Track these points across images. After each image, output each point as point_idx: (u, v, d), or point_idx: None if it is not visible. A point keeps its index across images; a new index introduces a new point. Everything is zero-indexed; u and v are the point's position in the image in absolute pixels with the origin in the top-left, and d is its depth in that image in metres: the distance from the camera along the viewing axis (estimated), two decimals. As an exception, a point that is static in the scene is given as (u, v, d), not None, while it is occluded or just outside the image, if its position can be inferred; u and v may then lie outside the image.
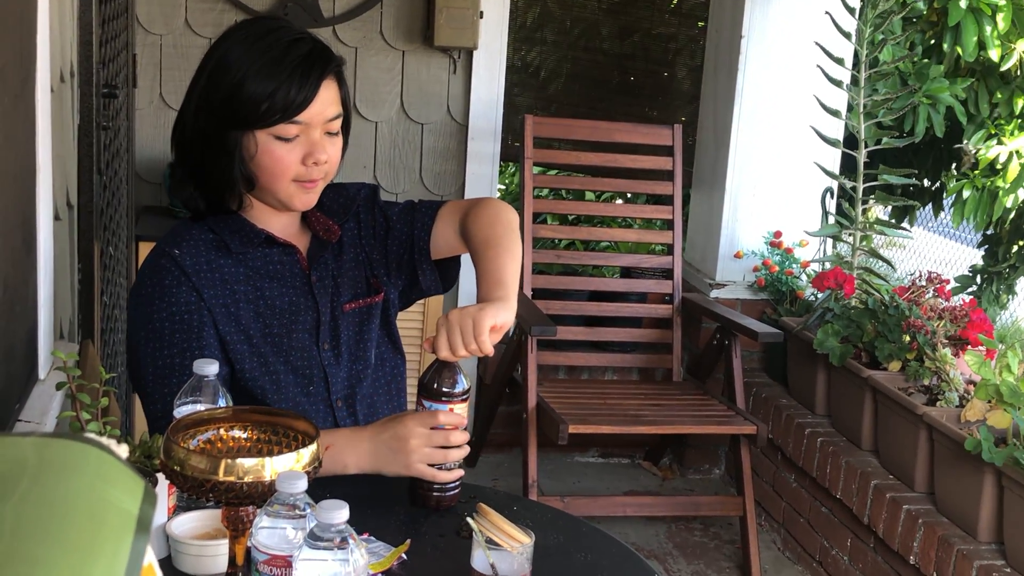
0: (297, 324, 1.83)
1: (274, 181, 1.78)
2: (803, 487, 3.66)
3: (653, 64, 5.08)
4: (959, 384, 3.13)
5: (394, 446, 1.68)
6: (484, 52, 4.14)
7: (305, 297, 1.85)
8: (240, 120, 1.74)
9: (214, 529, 1.46)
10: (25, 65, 1.73)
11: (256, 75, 1.72)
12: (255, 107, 1.72)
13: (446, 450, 1.68)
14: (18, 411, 1.69)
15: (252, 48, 1.75)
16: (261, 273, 1.83)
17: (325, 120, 1.77)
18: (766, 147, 4.12)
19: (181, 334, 1.74)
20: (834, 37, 3.74)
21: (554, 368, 4.16)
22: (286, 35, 1.77)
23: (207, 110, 1.77)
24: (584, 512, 3.46)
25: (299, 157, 1.76)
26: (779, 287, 4.05)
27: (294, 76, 1.73)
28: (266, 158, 1.76)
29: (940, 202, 5.27)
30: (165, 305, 1.75)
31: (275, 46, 1.74)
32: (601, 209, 4.35)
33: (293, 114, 1.73)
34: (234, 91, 1.73)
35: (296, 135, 1.75)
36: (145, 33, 3.88)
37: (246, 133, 1.75)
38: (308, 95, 1.74)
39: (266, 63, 1.73)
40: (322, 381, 1.85)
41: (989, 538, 2.88)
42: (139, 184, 3.96)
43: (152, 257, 1.81)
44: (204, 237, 1.81)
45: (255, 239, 1.82)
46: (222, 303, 1.78)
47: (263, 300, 1.82)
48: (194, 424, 1.37)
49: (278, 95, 1.72)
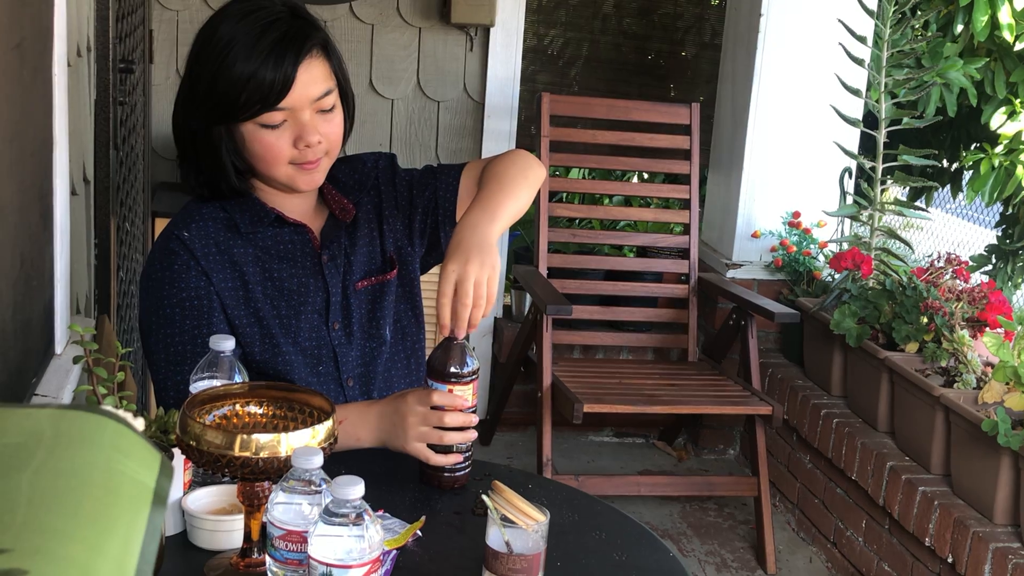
0: (306, 305, 1.82)
1: (270, 168, 1.75)
2: (818, 468, 3.65)
3: (671, 43, 5.05)
4: (977, 366, 3.11)
5: (395, 420, 1.68)
6: (501, 29, 4.13)
7: (315, 277, 1.83)
8: (221, 114, 1.71)
9: (230, 504, 1.47)
10: (42, 40, 1.73)
11: (230, 65, 1.67)
12: (233, 100, 1.68)
13: (441, 431, 1.67)
14: (35, 385, 1.70)
15: (230, 34, 1.69)
16: (271, 254, 1.81)
17: (312, 100, 1.72)
18: (784, 126, 4.09)
19: (192, 320, 1.74)
20: (855, 14, 3.71)
21: (569, 347, 4.15)
22: (263, 17, 1.70)
23: (191, 106, 1.74)
24: (598, 491, 3.46)
25: (289, 141, 1.72)
26: (796, 267, 4.03)
27: (268, 62, 1.67)
28: (256, 146, 1.73)
29: (959, 182, 5.23)
30: (175, 291, 1.74)
31: (250, 31, 1.68)
32: (618, 188, 4.34)
33: (274, 102, 1.69)
34: (211, 84, 1.69)
35: (283, 120, 1.71)
36: (162, 9, 3.87)
37: (231, 126, 1.72)
38: (286, 81, 1.68)
39: (240, 51, 1.67)
40: (331, 361, 1.84)
41: (1005, 520, 2.87)
42: (155, 160, 3.96)
43: (161, 240, 1.79)
44: (215, 216, 1.80)
45: (265, 219, 1.80)
46: (231, 286, 1.77)
47: (271, 282, 1.80)
48: (210, 399, 1.37)
49: (253, 85, 1.67)
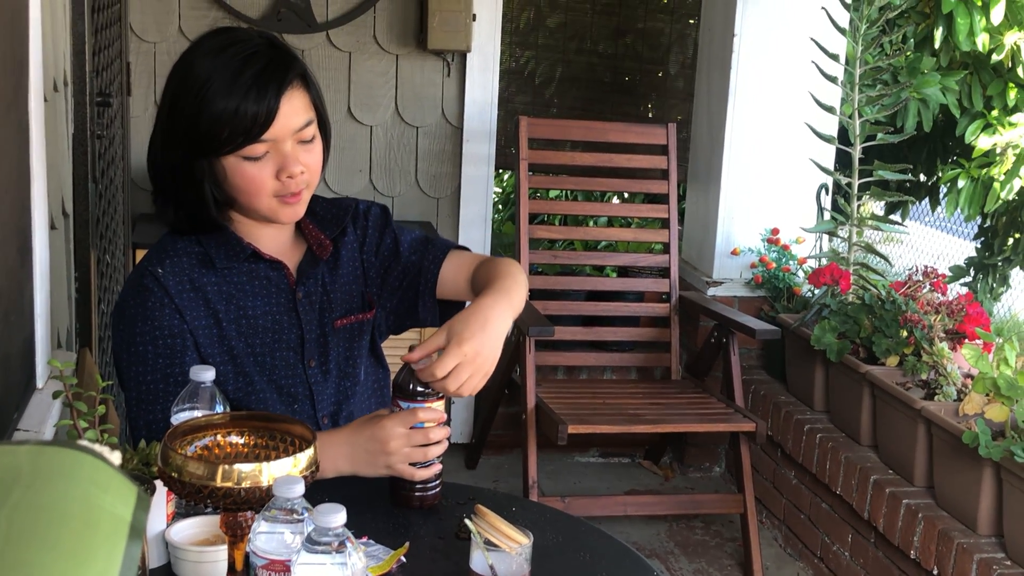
0: (280, 343, 1.81)
1: (252, 200, 1.73)
2: (803, 483, 3.66)
3: (647, 63, 5.08)
4: (957, 378, 3.13)
5: (372, 448, 1.66)
6: (478, 54, 4.15)
7: (289, 314, 1.82)
8: (203, 149, 1.69)
9: (213, 535, 1.47)
10: (17, 74, 1.74)
11: (212, 100, 1.66)
12: (215, 134, 1.67)
13: (426, 448, 1.66)
14: (16, 420, 1.70)
15: (208, 69, 1.68)
16: (245, 290, 1.80)
17: (293, 131, 1.71)
18: (761, 144, 4.12)
19: (164, 359, 1.72)
20: (828, 33, 3.75)
21: (553, 368, 4.16)
22: (241, 51, 1.70)
23: (171, 141, 1.72)
24: (585, 512, 3.47)
25: (272, 172, 1.71)
26: (776, 284, 4.05)
27: (250, 96, 1.66)
28: (238, 179, 1.71)
29: (936, 196, 5.27)
30: (148, 328, 1.72)
31: (229, 65, 1.68)
32: (597, 209, 4.36)
33: (256, 136, 1.67)
34: (192, 120, 1.68)
35: (265, 152, 1.70)
36: (139, 41, 3.89)
37: (213, 160, 1.71)
38: (269, 113, 1.67)
39: (221, 86, 1.66)
40: (307, 399, 1.83)
41: (989, 531, 2.89)
42: (135, 191, 3.96)
43: (135, 275, 1.78)
44: (189, 251, 1.78)
45: (241, 254, 1.79)
46: (204, 323, 1.76)
47: (245, 319, 1.79)
48: (191, 430, 1.38)
49: (236, 119, 1.66)
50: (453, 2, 3.97)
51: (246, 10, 3.97)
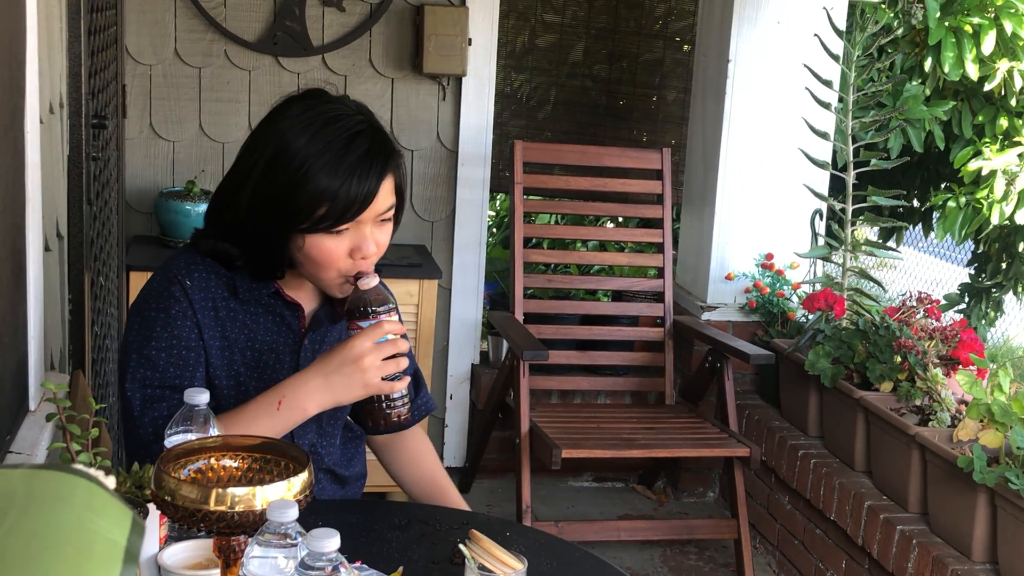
0: (277, 381, 1.80)
1: (320, 271, 1.75)
2: (797, 509, 3.65)
3: (641, 88, 5.10)
4: (951, 404, 3.14)
5: (347, 371, 1.68)
6: (473, 79, 4.16)
7: (292, 356, 1.84)
8: (294, 221, 1.70)
9: (206, 559, 1.46)
10: (14, 97, 1.74)
11: (315, 178, 1.67)
12: (312, 211, 1.68)
13: (397, 359, 1.68)
14: (9, 442, 1.69)
15: (311, 143, 1.68)
16: (259, 323, 1.82)
17: (379, 214, 1.73)
18: (755, 170, 4.14)
19: (176, 368, 1.74)
20: (821, 59, 3.77)
21: (547, 392, 4.16)
22: (345, 127, 1.71)
23: (263, 208, 1.72)
24: (579, 537, 3.46)
25: (347, 250, 1.72)
26: (770, 309, 4.05)
27: (353, 178, 1.67)
28: (314, 251, 1.72)
29: (929, 222, 5.28)
30: (166, 335, 1.74)
31: (334, 144, 1.68)
32: (592, 233, 4.37)
33: (352, 218, 1.70)
34: (290, 192, 1.68)
35: (346, 228, 1.72)
36: (135, 63, 3.89)
37: (297, 232, 1.72)
38: (367, 197, 1.69)
39: (325, 164, 1.67)
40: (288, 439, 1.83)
41: (983, 558, 2.88)
42: (129, 214, 3.96)
43: (162, 281, 1.78)
44: (217, 272, 1.79)
45: (264, 291, 1.81)
46: (219, 345, 1.78)
47: (251, 351, 1.81)
48: (185, 454, 1.37)
49: (337, 200, 1.67)
50: (449, 26, 3.98)
51: (243, 34, 3.98)
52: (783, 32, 4.06)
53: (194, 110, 3.96)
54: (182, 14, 3.93)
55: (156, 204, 3.83)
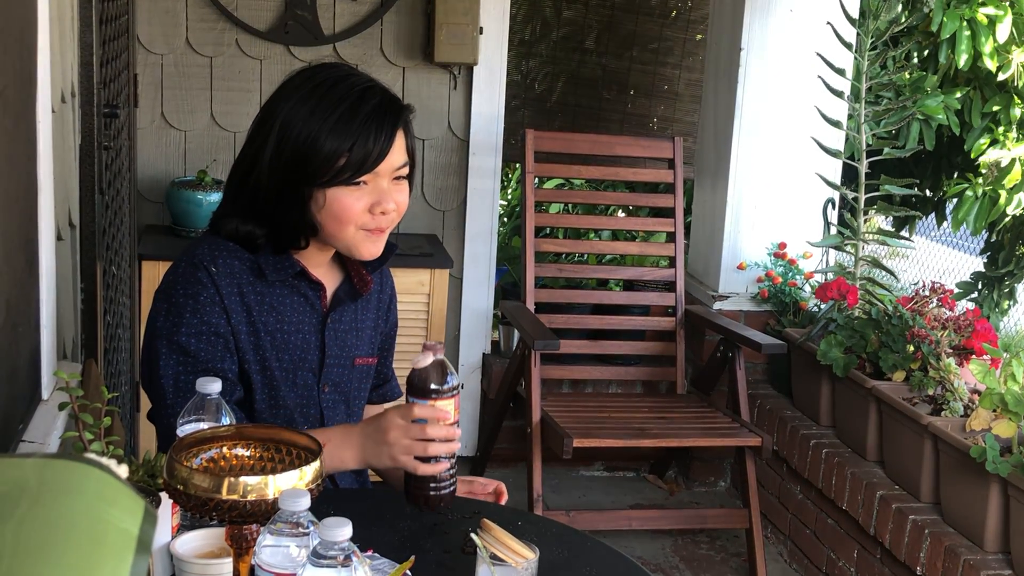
0: (304, 362, 1.85)
1: (340, 228, 1.77)
2: (809, 499, 3.65)
3: (652, 76, 5.09)
4: (964, 394, 3.12)
5: (377, 438, 1.70)
6: (484, 67, 4.15)
7: (316, 336, 1.87)
8: (314, 178, 1.73)
9: (218, 548, 1.46)
10: (26, 86, 1.74)
11: (330, 133, 1.71)
12: (330, 165, 1.72)
13: (425, 443, 1.68)
14: (21, 432, 1.70)
15: (321, 103, 1.73)
16: (285, 303, 1.84)
17: (394, 168, 1.77)
18: (767, 158, 4.12)
19: (206, 353, 1.76)
20: (834, 48, 3.75)
21: (558, 382, 4.15)
22: (355, 84, 1.76)
23: (281, 171, 1.75)
24: (590, 526, 3.46)
25: (367, 205, 1.76)
26: (782, 298, 4.04)
27: (369, 130, 1.72)
28: (335, 206, 1.75)
29: (942, 211, 5.26)
30: (196, 321, 1.76)
31: (345, 99, 1.73)
32: (603, 222, 4.36)
33: (369, 169, 1.73)
34: (308, 151, 1.72)
35: (365, 181, 1.75)
36: (146, 53, 3.89)
37: (317, 188, 1.75)
38: (383, 149, 1.73)
39: (339, 119, 1.72)
40: (317, 422, 1.88)
41: (996, 548, 2.87)
42: (141, 203, 3.97)
43: (187, 267, 1.79)
44: (240, 256, 1.81)
45: (290, 270, 1.82)
46: (245, 330, 1.80)
47: (280, 332, 1.83)
48: (197, 443, 1.37)
49: (354, 152, 1.71)
50: (460, 15, 3.97)
51: (254, 23, 3.98)
52: (796, 20, 4.04)
53: (205, 99, 3.96)
54: (193, 3, 3.93)
55: (168, 193, 3.83)
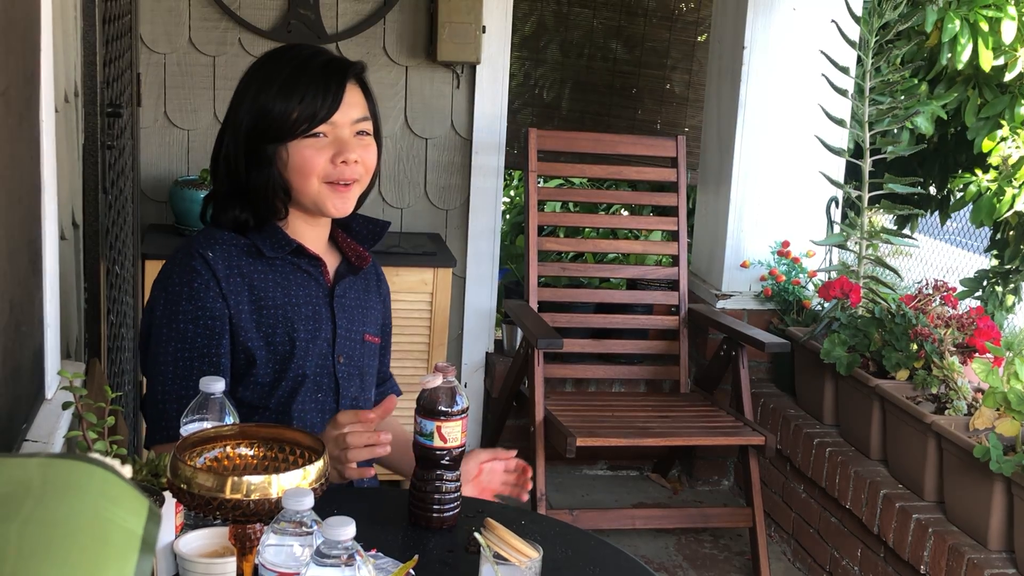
0: (319, 332, 1.89)
1: (305, 182, 1.83)
2: (812, 497, 3.64)
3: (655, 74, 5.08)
4: (967, 392, 3.12)
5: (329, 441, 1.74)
6: (487, 66, 4.15)
7: (326, 308, 1.91)
8: (273, 136, 1.82)
9: (221, 547, 1.46)
10: (29, 86, 1.74)
11: (280, 90, 1.81)
12: (284, 120, 1.81)
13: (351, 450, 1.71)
14: (25, 431, 1.69)
15: (274, 68, 1.85)
16: (290, 279, 1.89)
17: (352, 121, 1.85)
18: (771, 157, 4.12)
19: (204, 339, 1.81)
20: (838, 46, 3.75)
21: (561, 381, 4.15)
22: (303, 50, 1.89)
23: (243, 137, 1.84)
24: (593, 525, 3.46)
25: (328, 156, 1.82)
26: (786, 297, 4.04)
27: (317, 83, 1.82)
28: (296, 158, 1.82)
29: (946, 209, 5.25)
30: (192, 308, 1.81)
31: (294, 60, 1.85)
32: (606, 221, 4.35)
33: (323, 119, 1.81)
34: (263, 112, 1.82)
35: (325, 136, 1.82)
36: (149, 52, 3.89)
37: (279, 146, 1.82)
38: (335, 99, 1.82)
39: (288, 77, 1.82)
40: (332, 391, 1.91)
41: (999, 546, 2.87)
42: (144, 202, 3.97)
43: (183, 257, 1.85)
44: (236, 242, 1.87)
45: (287, 246, 1.87)
46: (247, 309, 1.84)
47: (290, 306, 1.87)
48: (201, 442, 1.37)
49: (305, 104, 1.80)
50: (463, 14, 3.97)
51: (257, 22, 3.98)
52: (799, 18, 4.03)
53: (208, 98, 3.96)
54: (196, 2, 3.93)
55: (171, 192, 3.83)
